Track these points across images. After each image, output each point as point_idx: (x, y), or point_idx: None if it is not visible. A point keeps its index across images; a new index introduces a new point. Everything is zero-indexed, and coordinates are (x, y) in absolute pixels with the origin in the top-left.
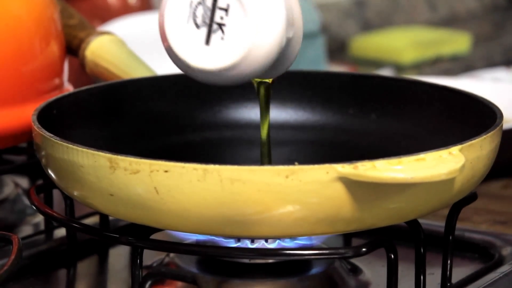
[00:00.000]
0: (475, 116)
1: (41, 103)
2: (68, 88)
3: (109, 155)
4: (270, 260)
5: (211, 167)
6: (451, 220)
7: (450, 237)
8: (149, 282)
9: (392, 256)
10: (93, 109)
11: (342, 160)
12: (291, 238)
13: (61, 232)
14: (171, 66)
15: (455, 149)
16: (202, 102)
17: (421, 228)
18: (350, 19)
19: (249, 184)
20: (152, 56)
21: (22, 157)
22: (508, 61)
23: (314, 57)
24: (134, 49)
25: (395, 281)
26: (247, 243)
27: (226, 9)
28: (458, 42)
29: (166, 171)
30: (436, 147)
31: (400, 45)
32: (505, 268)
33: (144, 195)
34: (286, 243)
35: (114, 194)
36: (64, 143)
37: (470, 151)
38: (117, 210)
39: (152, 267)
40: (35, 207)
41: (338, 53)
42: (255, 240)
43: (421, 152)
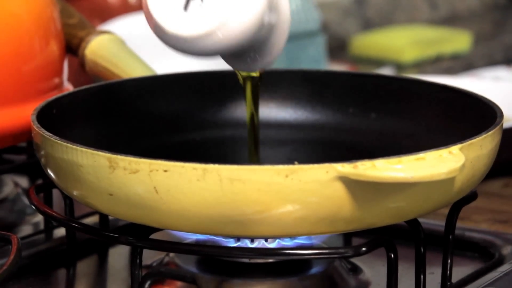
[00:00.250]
0: (475, 115)
1: (40, 102)
2: (68, 87)
3: (108, 155)
4: (270, 260)
5: (210, 166)
6: (451, 219)
7: (450, 236)
8: (149, 282)
9: (392, 255)
10: (92, 108)
11: (342, 159)
12: (291, 237)
13: (60, 231)
14: (171, 65)
15: (455, 148)
16: (202, 101)
17: (421, 227)
18: (351, 18)
19: (248, 183)
20: (152, 55)
21: (22, 157)
22: (509, 59)
23: (315, 56)
24: (133, 48)
25: (395, 281)
26: (246, 242)
27: None
28: (458, 40)
29: (165, 171)
30: (436, 146)
31: (401, 44)
32: (506, 267)
33: (144, 195)
34: (286, 242)
35: (114, 194)
36: (64, 143)
37: (470, 150)
38: (116, 210)
39: (152, 266)
40: (34, 207)
41: (339, 52)
42: (255, 240)
43: (421, 152)
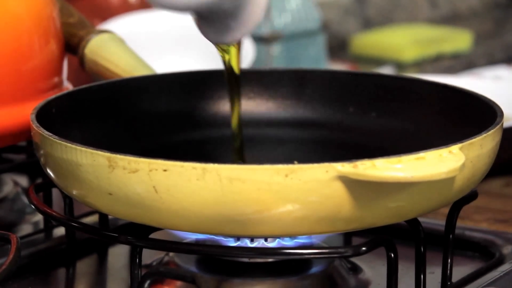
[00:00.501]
0: (475, 114)
1: (40, 101)
2: (67, 86)
3: (107, 154)
4: (270, 259)
5: (210, 166)
6: (452, 218)
7: (451, 235)
8: (148, 282)
9: (392, 255)
10: (92, 107)
11: (342, 159)
12: (291, 237)
13: (60, 231)
14: (170, 64)
15: (455, 148)
16: (201, 100)
17: (421, 227)
18: (351, 17)
19: (248, 183)
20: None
21: (22, 156)
22: (509, 58)
23: (315, 55)
24: (133, 47)
25: (395, 280)
26: (246, 242)
27: None
28: (459, 39)
29: (165, 170)
30: (436, 145)
31: (401, 43)
32: (506, 267)
33: (143, 194)
34: (286, 242)
35: (113, 193)
36: (63, 142)
37: (470, 150)
38: (116, 209)
39: (152, 266)
40: (34, 206)
41: (339, 51)
42: (254, 239)
43: (421, 151)
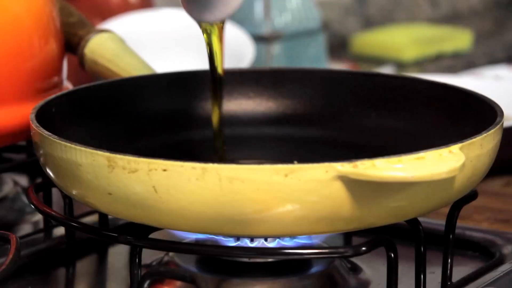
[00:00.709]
0: (475, 114)
1: (40, 101)
2: (67, 86)
3: (107, 154)
4: (270, 259)
5: (209, 166)
6: (452, 218)
7: (451, 235)
8: (148, 282)
9: (392, 255)
10: (92, 107)
11: (342, 158)
12: (291, 237)
13: (60, 230)
14: (170, 64)
15: (455, 148)
16: (201, 99)
17: (421, 227)
18: (351, 16)
19: (248, 183)
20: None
21: (22, 155)
22: (510, 58)
23: (315, 55)
24: (133, 47)
25: (395, 280)
26: (246, 242)
27: None
28: (460, 39)
29: (164, 170)
30: (436, 145)
31: (402, 42)
32: (506, 266)
33: (143, 194)
34: (286, 242)
35: (113, 193)
36: (62, 142)
37: (470, 150)
38: (115, 209)
39: (151, 266)
40: (33, 206)
41: (339, 51)
42: (254, 239)
43: (421, 151)
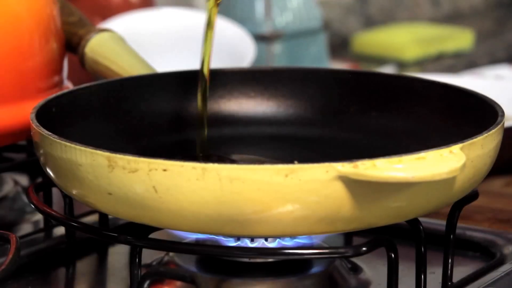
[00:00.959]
0: (476, 114)
1: (40, 100)
2: (68, 85)
3: (107, 154)
4: (270, 259)
5: (210, 166)
6: (452, 218)
7: (451, 235)
8: (148, 282)
9: (393, 255)
10: (92, 106)
11: (342, 158)
12: (291, 237)
13: (60, 230)
14: (171, 63)
15: (456, 148)
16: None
17: (421, 227)
18: (353, 16)
19: (248, 183)
20: (152, 53)
21: (22, 155)
22: (511, 57)
23: (316, 54)
24: (134, 46)
25: (396, 280)
26: (246, 242)
27: None
28: (461, 38)
29: (164, 170)
30: (437, 145)
31: (403, 42)
32: (507, 267)
33: (143, 194)
34: (286, 242)
35: (113, 193)
36: (62, 142)
37: (471, 150)
38: (115, 209)
39: (151, 265)
40: (33, 206)
41: (340, 50)
42: (255, 239)
43: (422, 151)
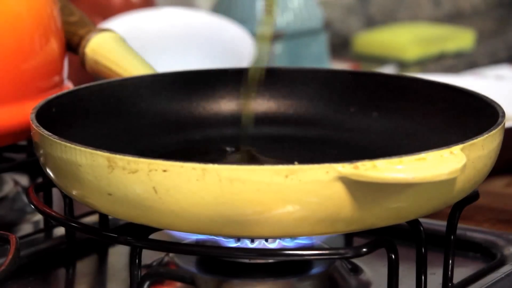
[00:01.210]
0: (477, 114)
1: (40, 100)
2: (68, 85)
3: (107, 154)
4: (270, 260)
5: (210, 166)
6: (453, 219)
7: (452, 236)
8: (148, 282)
9: (393, 256)
10: (93, 106)
11: (343, 159)
12: (291, 238)
13: (60, 230)
14: (171, 63)
15: (456, 149)
16: (202, 99)
17: (422, 228)
18: (354, 16)
19: (248, 183)
20: (152, 54)
21: (22, 155)
22: None
23: (317, 54)
24: (135, 46)
25: (396, 281)
26: (247, 243)
27: None
28: (462, 38)
29: (164, 171)
30: (437, 146)
31: (404, 42)
32: (508, 268)
33: (143, 195)
34: (287, 242)
35: (113, 194)
36: (62, 142)
37: (471, 151)
38: (115, 210)
39: (151, 266)
40: (33, 206)
41: (341, 50)
42: (255, 240)
43: (422, 152)
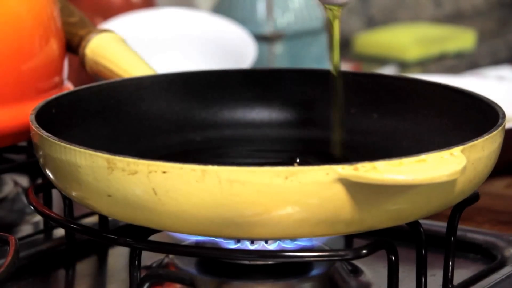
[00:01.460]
0: (477, 115)
1: (40, 101)
2: (68, 86)
3: (106, 156)
4: (270, 261)
5: (209, 168)
6: (453, 220)
7: (452, 238)
8: (147, 284)
9: (393, 257)
10: (92, 107)
11: (343, 160)
12: (291, 239)
13: (60, 232)
14: (171, 64)
15: (456, 150)
16: (202, 100)
17: (422, 229)
18: (354, 16)
19: (248, 185)
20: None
21: (22, 156)
22: None
23: (318, 54)
24: (135, 47)
25: (396, 283)
26: (246, 244)
27: None
28: (463, 39)
29: (164, 172)
30: (437, 147)
31: (404, 42)
32: (508, 269)
33: (142, 196)
34: (287, 244)
35: (112, 195)
36: (62, 143)
37: (471, 152)
38: (115, 211)
39: (151, 268)
40: (33, 207)
41: (342, 50)
42: (255, 241)
43: (422, 153)
